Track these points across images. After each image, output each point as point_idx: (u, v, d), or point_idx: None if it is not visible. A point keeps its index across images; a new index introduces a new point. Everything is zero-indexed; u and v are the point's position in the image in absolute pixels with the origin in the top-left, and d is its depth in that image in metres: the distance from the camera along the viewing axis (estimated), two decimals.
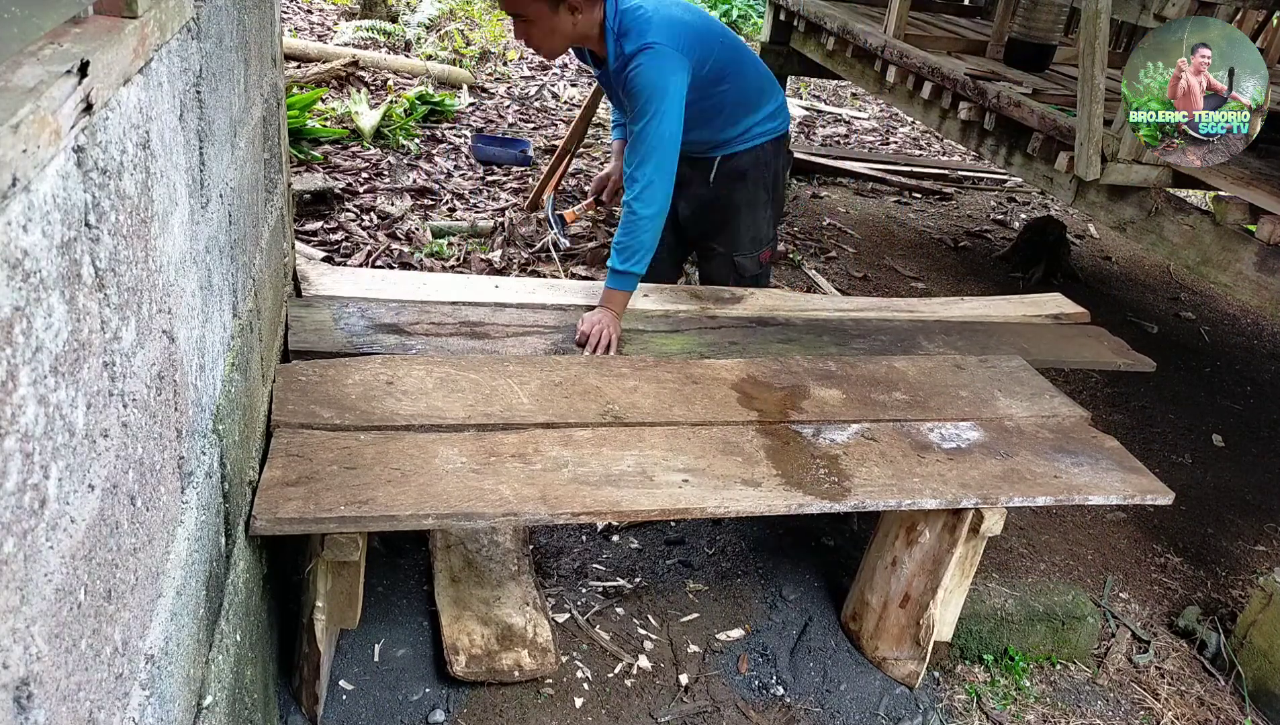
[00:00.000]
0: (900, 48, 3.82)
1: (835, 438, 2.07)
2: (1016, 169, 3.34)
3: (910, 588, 2.12)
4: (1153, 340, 4.26)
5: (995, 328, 2.77)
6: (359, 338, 2.13)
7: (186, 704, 1.14)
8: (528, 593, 2.15)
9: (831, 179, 5.85)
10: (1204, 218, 2.66)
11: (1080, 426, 2.28)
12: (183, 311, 1.13)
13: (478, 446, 1.82)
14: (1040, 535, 2.79)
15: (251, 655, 1.54)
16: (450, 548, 2.24)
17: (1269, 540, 3.04)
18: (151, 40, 0.94)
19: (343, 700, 1.89)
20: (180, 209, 1.11)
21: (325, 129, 4.81)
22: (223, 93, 1.36)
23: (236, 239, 1.49)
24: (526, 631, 2.05)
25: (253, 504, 1.55)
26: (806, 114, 7.30)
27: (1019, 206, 5.94)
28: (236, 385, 1.47)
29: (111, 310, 0.85)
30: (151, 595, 0.99)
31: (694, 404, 2.08)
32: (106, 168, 0.82)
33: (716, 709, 2.05)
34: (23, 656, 0.65)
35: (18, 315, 0.63)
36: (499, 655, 1.98)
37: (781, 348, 2.44)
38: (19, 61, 0.70)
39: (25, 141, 0.63)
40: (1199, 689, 2.39)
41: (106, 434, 0.83)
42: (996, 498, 1.95)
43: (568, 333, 2.34)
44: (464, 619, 2.04)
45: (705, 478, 1.84)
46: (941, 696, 2.20)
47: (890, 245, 4.97)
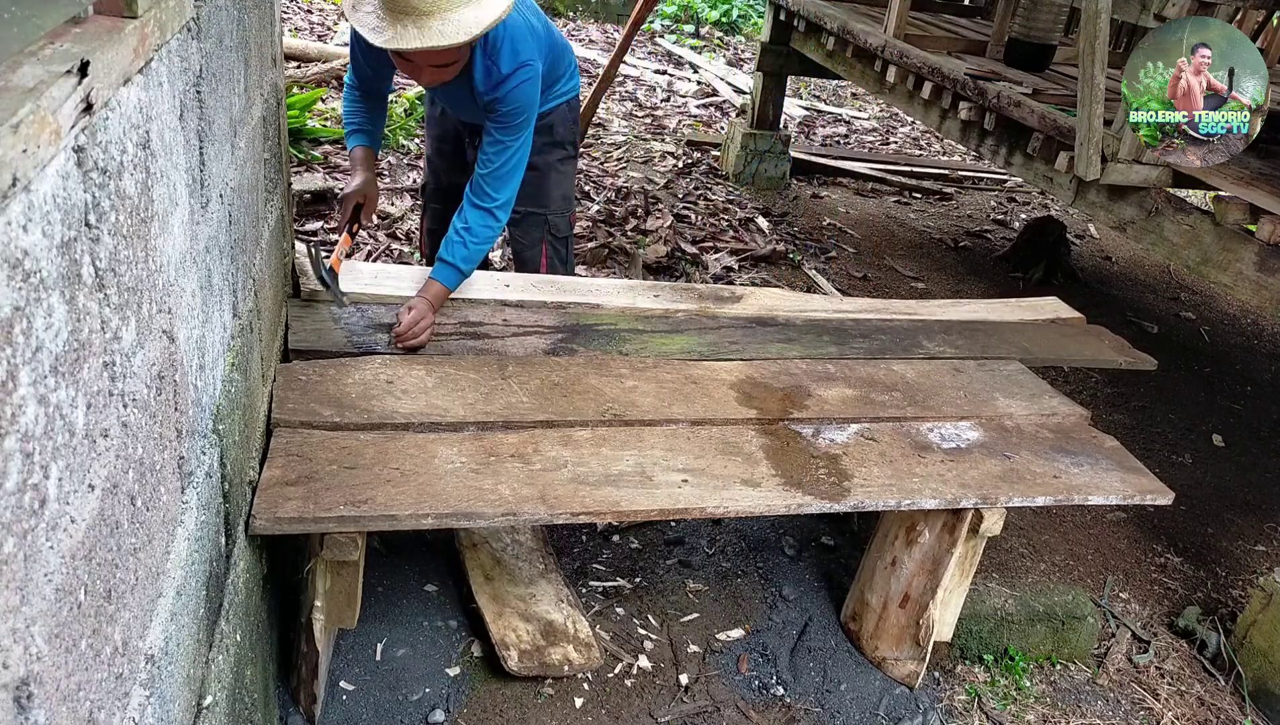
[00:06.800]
0: (900, 48, 3.82)
1: (835, 438, 2.07)
2: (1016, 169, 3.34)
3: (910, 588, 2.12)
4: (1153, 340, 4.26)
5: (995, 327, 2.77)
6: (359, 337, 2.13)
7: (186, 704, 1.14)
8: (560, 590, 2.18)
9: (831, 179, 5.85)
10: (1204, 218, 2.66)
11: (1080, 426, 2.28)
12: (183, 311, 1.13)
13: (477, 446, 1.82)
14: (1040, 535, 2.79)
15: (251, 655, 1.54)
16: (477, 546, 2.24)
17: (1269, 540, 3.04)
18: (151, 40, 0.94)
19: (343, 700, 1.89)
20: (180, 209, 1.11)
21: (325, 129, 4.81)
22: (223, 93, 1.36)
23: (236, 239, 1.49)
24: (568, 627, 2.07)
25: (252, 503, 1.55)
26: (806, 114, 7.29)
27: (1019, 206, 5.94)
28: (236, 385, 1.47)
29: (111, 310, 0.85)
30: (151, 595, 0.99)
31: (693, 404, 2.08)
32: (106, 168, 0.82)
33: (716, 709, 2.05)
34: (23, 656, 0.65)
35: (18, 315, 0.63)
36: (547, 650, 2.01)
37: (781, 348, 2.44)
38: (19, 61, 0.70)
39: (25, 141, 0.63)
40: (1199, 689, 2.39)
41: (106, 434, 0.83)
42: (996, 498, 1.95)
43: (568, 333, 2.34)
44: (506, 615, 2.06)
45: (705, 478, 1.84)
46: (941, 696, 2.20)
47: (890, 245, 4.97)
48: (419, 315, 2.15)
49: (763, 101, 5.34)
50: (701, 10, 9.96)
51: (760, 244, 4.61)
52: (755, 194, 5.36)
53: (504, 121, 2.19)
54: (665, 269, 4.19)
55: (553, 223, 2.67)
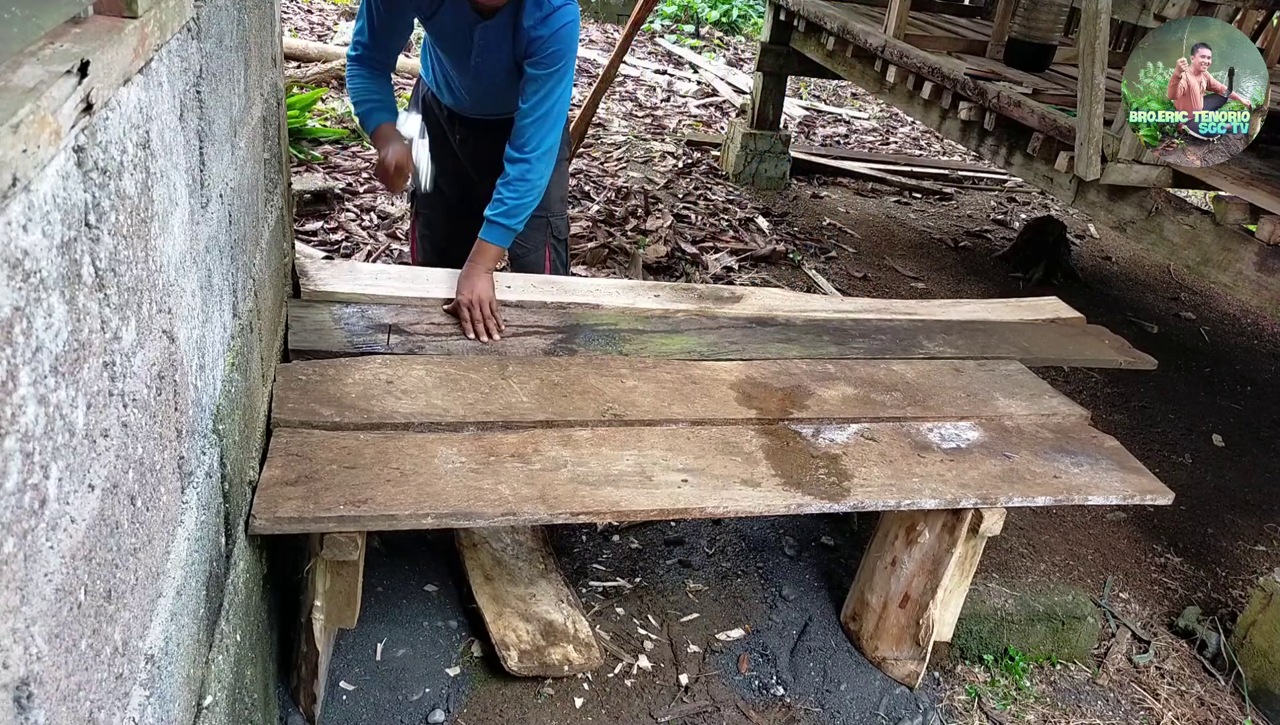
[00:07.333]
0: (900, 48, 3.82)
1: (835, 437, 2.07)
2: (1016, 169, 3.34)
3: (910, 588, 2.12)
4: (1153, 340, 4.26)
5: (995, 327, 2.77)
6: (359, 337, 2.13)
7: (186, 704, 1.14)
8: (560, 590, 2.18)
9: (831, 179, 5.85)
10: (1204, 218, 2.66)
11: (1080, 426, 2.28)
12: (183, 311, 1.13)
13: (477, 446, 1.82)
14: (1040, 535, 2.79)
15: (251, 655, 1.54)
16: (477, 546, 2.24)
17: (1269, 540, 3.04)
18: (151, 40, 0.94)
19: (343, 700, 1.89)
20: (180, 209, 1.11)
21: (325, 129, 4.82)
22: (223, 93, 1.36)
23: (236, 239, 1.49)
24: (568, 627, 2.07)
25: (252, 503, 1.55)
26: (806, 114, 7.30)
27: (1019, 206, 5.94)
28: (236, 385, 1.47)
29: (111, 310, 0.85)
30: (151, 595, 0.99)
31: (693, 404, 2.08)
32: (106, 168, 0.82)
33: (716, 709, 2.05)
34: (23, 656, 0.65)
35: (18, 315, 0.63)
36: (547, 650, 2.01)
37: (781, 348, 2.44)
38: (19, 61, 0.70)
39: (25, 141, 0.63)
40: (1199, 689, 2.39)
41: (106, 434, 0.83)
42: (996, 498, 1.95)
43: (568, 333, 2.34)
44: (506, 615, 2.06)
45: (705, 478, 1.84)
46: (941, 696, 2.20)
47: (890, 245, 4.97)
48: (470, 296, 2.20)
49: (763, 101, 5.34)
50: (701, 10, 9.96)
51: (760, 244, 4.61)
52: (755, 194, 5.36)
53: (546, 64, 2.18)
54: (665, 269, 4.19)
55: (554, 225, 2.67)
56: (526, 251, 2.66)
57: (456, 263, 2.38)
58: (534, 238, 2.64)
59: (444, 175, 2.66)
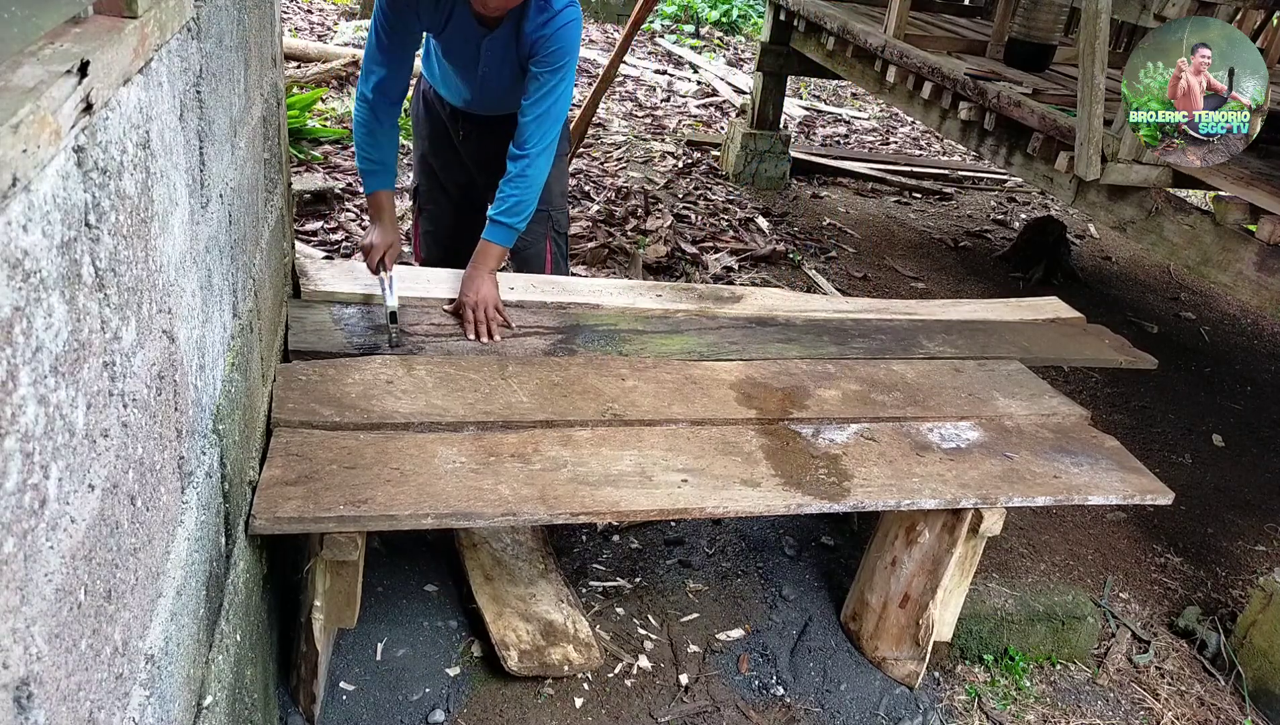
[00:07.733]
0: (900, 48, 3.82)
1: (835, 438, 2.07)
2: (1016, 169, 3.34)
3: (910, 588, 2.12)
4: (1153, 340, 4.26)
5: (995, 327, 2.77)
6: (359, 338, 2.13)
7: (186, 704, 1.14)
8: (560, 590, 2.18)
9: (831, 179, 5.85)
10: (1204, 218, 2.66)
11: (1080, 426, 2.29)
12: (183, 311, 1.13)
13: (477, 446, 1.82)
14: (1040, 535, 2.79)
15: (251, 655, 1.54)
16: (477, 546, 2.24)
17: (1269, 540, 3.04)
18: (151, 40, 0.94)
19: (343, 700, 1.89)
20: (180, 209, 1.11)
21: (325, 129, 4.82)
22: (223, 93, 1.36)
23: (236, 239, 1.49)
24: (568, 627, 2.07)
25: (252, 503, 1.55)
26: (806, 114, 7.30)
27: (1019, 206, 5.94)
28: (236, 385, 1.47)
29: (111, 310, 0.85)
30: (151, 595, 0.99)
31: (693, 404, 2.08)
32: (106, 168, 0.82)
33: (716, 709, 2.05)
34: (23, 656, 0.65)
35: (18, 315, 0.63)
36: (547, 650, 2.00)
37: (781, 348, 2.44)
38: (19, 61, 0.70)
39: (25, 141, 0.63)
40: (1199, 689, 2.39)
41: (106, 434, 0.83)
42: (996, 498, 1.95)
43: (568, 333, 2.34)
44: (506, 615, 2.06)
45: (704, 478, 1.84)
46: (941, 696, 2.20)
47: (890, 245, 4.97)
48: (475, 297, 2.22)
49: (763, 101, 5.34)
50: (701, 10, 9.96)
51: (760, 244, 4.61)
52: (755, 194, 5.36)
53: (549, 63, 2.21)
54: (665, 269, 4.19)
55: (555, 219, 2.68)
56: (528, 245, 2.67)
57: (462, 258, 2.39)
58: (535, 231, 2.65)
59: (446, 170, 2.68)
